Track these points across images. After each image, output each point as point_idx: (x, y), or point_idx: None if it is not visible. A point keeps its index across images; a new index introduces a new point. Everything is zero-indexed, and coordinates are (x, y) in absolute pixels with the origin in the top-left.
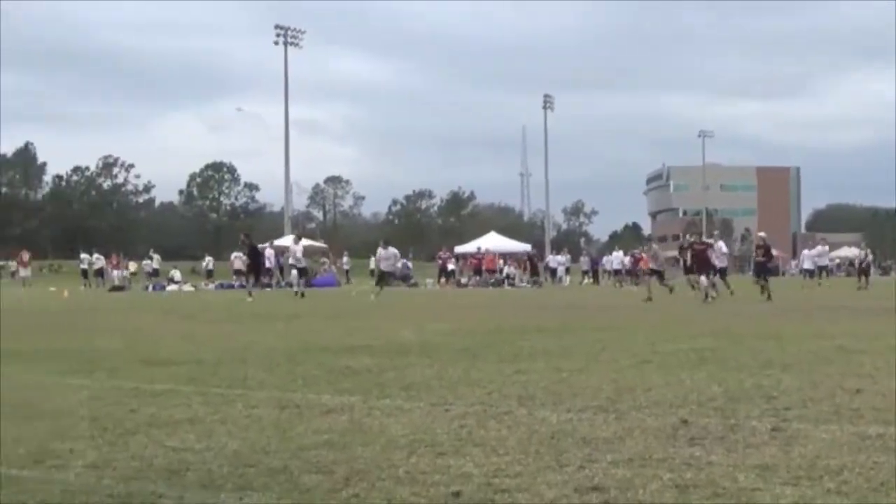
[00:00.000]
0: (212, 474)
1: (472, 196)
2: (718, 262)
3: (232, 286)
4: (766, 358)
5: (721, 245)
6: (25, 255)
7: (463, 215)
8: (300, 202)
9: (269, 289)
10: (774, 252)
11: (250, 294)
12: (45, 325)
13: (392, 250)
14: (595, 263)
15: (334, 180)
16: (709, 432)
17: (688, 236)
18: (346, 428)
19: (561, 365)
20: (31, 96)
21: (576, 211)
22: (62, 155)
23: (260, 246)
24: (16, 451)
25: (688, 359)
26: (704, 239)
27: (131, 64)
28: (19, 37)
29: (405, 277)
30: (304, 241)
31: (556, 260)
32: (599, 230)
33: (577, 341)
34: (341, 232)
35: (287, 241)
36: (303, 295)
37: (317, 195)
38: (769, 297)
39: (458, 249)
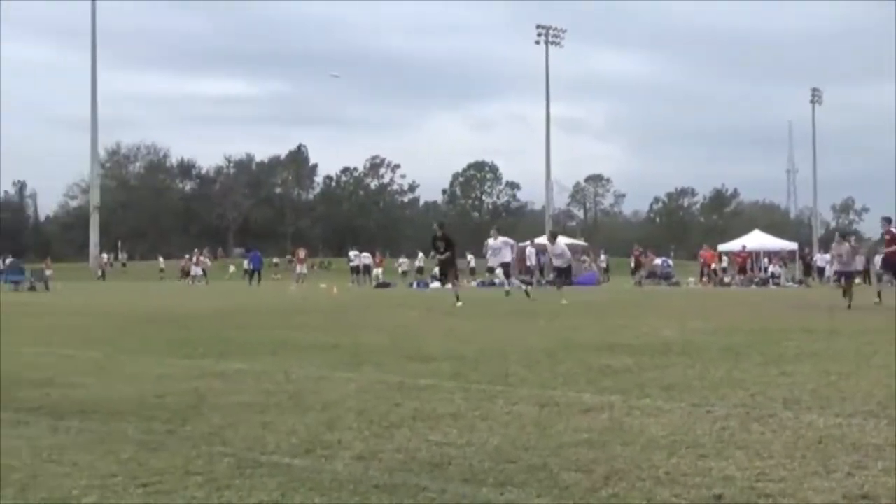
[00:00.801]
0: (473, 469)
1: (735, 193)
2: None
3: (493, 283)
4: None
5: None
6: (302, 253)
7: (726, 213)
8: (561, 200)
9: (529, 286)
10: None
11: (458, 297)
12: (318, 321)
13: (560, 246)
14: (868, 263)
15: (595, 178)
16: None
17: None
18: (605, 427)
19: (829, 368)
20: (304, 100)
21: (845, 208)
22: (332, 156)
23: (521, 244)
24: (288, 441)
25: None
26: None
27: (398, 66)
28: (305, 43)
29: (667, 276)
30: (566, 239)
31: (825, 259)
32: (871, 228)
33: (846, 344)
34: (601, 230)
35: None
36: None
37: (577, 193)
38: None
39: (721, 248)
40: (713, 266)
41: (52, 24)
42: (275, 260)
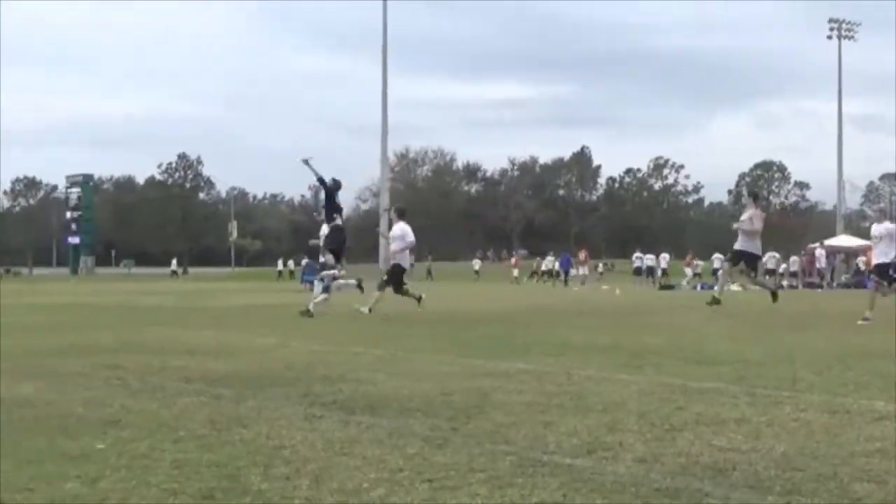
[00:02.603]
0: (758, 476)
1: None
2: None
3: (781, 286)
4: None
5: None
6: (582, 254)
7: None
8: (853, 200)
9: (819, 290)
10: None
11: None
12: (599, 322)
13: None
14: None
15: (890, 177)
16: None
17: None
18: None
19: None
20: (586, 102)
21: None
22: (615, 157)
23: (810, 246)
24: (570, 441)
25: None
26: None
27: (681, 65)
28: (587, 44)
29: None
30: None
31: None
32: None
33: None
34: None
35: (840, 240)
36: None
37: (871, 193)
38: None
39: None
40: None
41: (343, 34)
42: None
